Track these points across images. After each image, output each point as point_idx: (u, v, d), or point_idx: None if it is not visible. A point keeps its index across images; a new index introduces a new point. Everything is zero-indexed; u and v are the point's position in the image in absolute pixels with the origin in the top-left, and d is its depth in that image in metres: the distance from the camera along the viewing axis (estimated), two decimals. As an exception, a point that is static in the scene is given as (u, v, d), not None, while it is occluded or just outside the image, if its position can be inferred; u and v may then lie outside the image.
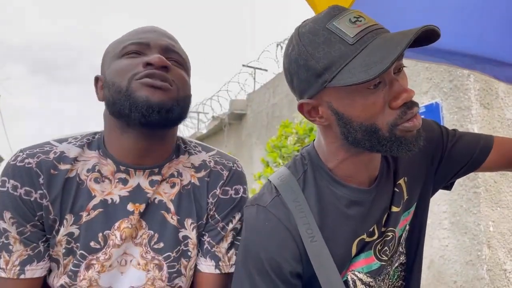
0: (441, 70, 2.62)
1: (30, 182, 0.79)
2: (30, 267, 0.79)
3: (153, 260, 0.85)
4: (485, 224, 2.30)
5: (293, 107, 4.78)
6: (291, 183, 0.82)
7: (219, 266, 0.89)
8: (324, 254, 0.77)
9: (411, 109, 0.71)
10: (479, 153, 0.92)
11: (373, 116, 0.72)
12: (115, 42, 0.89)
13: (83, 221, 0.81)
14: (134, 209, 0.84)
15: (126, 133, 0.83)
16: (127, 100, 0.78)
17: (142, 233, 0.85)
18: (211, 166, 0.93)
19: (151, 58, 0.80)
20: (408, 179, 0.89)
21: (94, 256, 0.81)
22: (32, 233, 0.80)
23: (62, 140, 0.87)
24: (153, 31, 0.88)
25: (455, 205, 2.44)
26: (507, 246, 2.35)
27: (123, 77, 0.80)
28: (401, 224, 0.88)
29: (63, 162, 0.83)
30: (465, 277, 2.36)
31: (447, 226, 2.50)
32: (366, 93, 0.70)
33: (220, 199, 0.91)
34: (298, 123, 4.05)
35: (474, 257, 2.32)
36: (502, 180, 2.40)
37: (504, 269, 2.31)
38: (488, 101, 2.44)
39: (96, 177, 0.84)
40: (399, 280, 0.92)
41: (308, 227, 0.77)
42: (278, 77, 5.40)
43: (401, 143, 0.72)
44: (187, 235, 0.88)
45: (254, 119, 6.06)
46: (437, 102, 2.64)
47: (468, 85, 2.44)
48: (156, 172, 0.87)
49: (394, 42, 0.66)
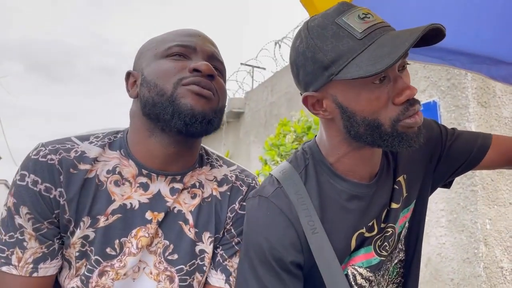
0: (438, 68, 2.63)
1: (51, 179, 0.77)
2: (43, 265, 0.77)
3: (166, 271, 0.82)
4: (482, 222, 2.31)
5: (291, 106, 4.78)
6: (293, 177, 0.83)
7: (229, 281, 0.86)
8: (325, 245, 0.78)
9: (413, 106, 0.73)
10: (477, 151, 0.93)
11: (377, 111, 0.73)
12: (156, 40, 0.86)
13: (101, 225, 0.79)
14: (152, 217, 0.81)
15: (156, 136, 0.82)
16: (171, 106, 0.76)
17: (158, 242, 0.83)
18: (233, 180, 0.92)
19: (199, 64, 0.79)
20: (408, 177, 0.90)
21: (109, 263, 0.79)
22: (49, 230, 0.77)
23: (84, 138, 0.85)
24: (197, 35, 0.85)
25: (452, 203, 2.45)
26: (503, 244, 2.36)
27: (168, 80, 0.78)
28: (400, 221, 0.89)
29: (83, 162, 0.80)
30: (462, 275, 2.37)
31: (444, 224, 2.51)
32: (372, 87, 0.72)
33: (238, 214, 0.89)
34: (296, 122, 4.05)
35: (471, 254, 2.33)
36: (499, 178, 2.41)
37: (501, 267, 2.33)
38: (486, 100, 2.45)
39: (116, 180, 0.81)
40: (398, 277, 0.93)
41: (310, 219, 0.78)
42: (276, 76, 5.40)
43: (402, 139, 0.74)
44: (204, 249, 0.85)
45: (252, 118, 6.06)
46: (434, 101, 2.65)
47: (466, 84, 2.44)
48: (178, 180, 0.85)
49: (401, 38, 0.68)
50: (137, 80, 0.84)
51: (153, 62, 0.82)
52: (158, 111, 0.78)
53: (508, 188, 2.44)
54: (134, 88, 0.84)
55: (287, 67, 5.08)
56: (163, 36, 0.86)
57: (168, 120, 0.77)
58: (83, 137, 0.85)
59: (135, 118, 0.85)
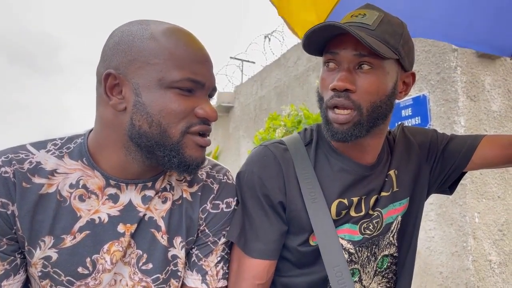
0: (428, 62, 2.63)
1: (7, 194, 0.70)
2: (7, 281, 0.72)
3: (141, 282, 0.79)
4: (470, 215, 2.32)
5: (281, 100, 4.76)
6: (298, 144, 0.94)
7: (206, 280, 0.84)
8: (322, 212, 0.87)
9: (339, 97, 0.83)
10: (465, 150, 0.98)
11: (323, 91, 0.88)
12: (156, 49, 0.71)
13: (67, 245, 0.73)
14: (125, 230, 0.77)
15: (133, 155, 0.75)
16: (176, 156, 0.73)
17: (131, 252, 0.78)
18: (203, 179, 0.88)
19: (209, 114, 0.75)
20: (398, 173, 0.96)
21: (83, 281, 0.74)
22: (9, 246, 0.72)
23: (40, 146, 0.77)
24: (205, 61, 0.76)
25: (441, 197, 2.46)
26: (492, 237, 2.38)
27: (175, 125, 0.72)
28: (391, 211, 0.94)
29: (38, 175, 0.73)
30: (451, 268, 2.39)
31: (433, 218, 2.52)
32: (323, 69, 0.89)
33: (210, 213, 0.86)
34: (286, 116, 4.03)
35: (460, 248, 2.35)
36: (487, 172, 2.42)
37: (489, 260, 2.34)
38: (475, 94, 2.46)
39: (81, 194, 0.75)
40: (389, 272, 0.96)
41: (311, 190, 0.87)
42: (266, 70, 5.36)
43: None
44: (176, 255, 0.82)
45: (241, 112, 6.02)
46: (424, 95, 2.64)
47: (455, 78, 2.44)
48: (149, 187, 0.80)
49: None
50: (124, 89, 0.72)
51: (157, 90, 0.71)
52: (157, 152, 0.73)
53: (497, 182, 2.46)
54: (119, 98, 0.73)
55: (277, 61, 5.04)
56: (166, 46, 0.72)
57: (165, 163, 0.74)
58: (40, 144, 0.77)
59: (109, 130, 0.75)
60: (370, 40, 0.77)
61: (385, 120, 0.87)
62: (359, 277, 0.91)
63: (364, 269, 0.92)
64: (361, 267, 0.91)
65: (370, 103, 0.81)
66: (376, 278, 0.94)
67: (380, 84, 0.81)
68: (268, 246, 0.87)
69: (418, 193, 0.99)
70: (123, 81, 0.72)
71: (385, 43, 0.80)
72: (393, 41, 0.81)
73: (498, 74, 2.59)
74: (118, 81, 0.72)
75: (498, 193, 2.45)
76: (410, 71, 0.90)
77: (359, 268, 0.91)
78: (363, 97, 0.81)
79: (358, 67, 0.81)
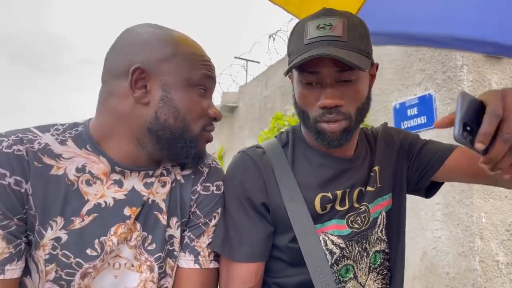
0: (434, 61, 2.61)
1: (21, 171, 0.72)
2: (10, 266, 0.70)
3: (146, 261, 0.82)
4: (477, 215, 2.30)
5: (285, 99, 4.75)
6: (275, 147, 0.99)
7: (198, 260, 0.87)
8: (302, 211, 0.90)
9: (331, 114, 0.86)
10: (438, 156, 1.01)
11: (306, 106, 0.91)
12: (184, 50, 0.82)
13: (76, 227, 0.75)
14: (131, 213, 0.81)
15: (145, 146, 0.82)
16: (194, 147, 0.84)
17: (137, 235, 0.82)
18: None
19: (218, 115, 0.87)
20: (380, 169, 1.01)
21: (91, 264, 0.76)
22: (17, 227, 0.72)
23: (44, 129, 0.80)
24: (209, 59, 0.88)
25: (448, 197, 2.44)
26: (499, 237, 2.36)
27: (197, 121, 0.83)
28: (377, 206, 0.98)
29: (47, 156, 0.76)
30: (458, 269, 2.37)
31: (440, 218, 2.50)
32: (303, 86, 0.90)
33: (201, 195, 0.90)
34: (291, 116, 4.02)
35: (467, 248, 2.33)
36: (494, 172, 2.40)
37: (497, 260, 2.32)
38: (481, 92, 2.43)
39: (88, 179, 0.78)
40: (384, 269, 0.99)
41: (290, 190, 0.91)
42: (271, 69, 5.35)
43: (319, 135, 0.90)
44: (173, 234, 0.86)
45: (246, 112, 6.02)
46: (430, 94, 2.62)
47: (461, 77, 2.42)
48: (150, 175, 0.85)
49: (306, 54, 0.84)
50: (149, 84, 0.78)
51: (184, 88, 0.81)
52: (177, 144, 0.82)
53: (504, 181, 2.43)
54: (145, 92, 0.78)
55: (282, 60, 5.03)
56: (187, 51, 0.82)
57: (182, 154, 0.83)
58: (44, 128, 0.80)
59: (121, 121, 0.80)
60: (350, 56, 0.81)
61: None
62: (354, 273, 0.94)
63: (358, 265, 0.94)
64: (354, 262, 0.93)
65: (356, 109, 0.88)
66: (371, 274, 0.97)
67: (362, 90, 0.89)
68: (254, 249, 0.90)
69: (398, 189, 1.04)
70: (150, 77, 0.79)
71: (360, 52, 0.84)
72: (363, 46, 0.86)
73: (505, 73, 2.57)
74: (145, 75, 0.78)
75: (505, 193, 2.43)
76: (374, 64, 0.96)
77: (352, 264, 0.93)
78: (351, 106, 0.87)
79: (340, 81, 0.86)
